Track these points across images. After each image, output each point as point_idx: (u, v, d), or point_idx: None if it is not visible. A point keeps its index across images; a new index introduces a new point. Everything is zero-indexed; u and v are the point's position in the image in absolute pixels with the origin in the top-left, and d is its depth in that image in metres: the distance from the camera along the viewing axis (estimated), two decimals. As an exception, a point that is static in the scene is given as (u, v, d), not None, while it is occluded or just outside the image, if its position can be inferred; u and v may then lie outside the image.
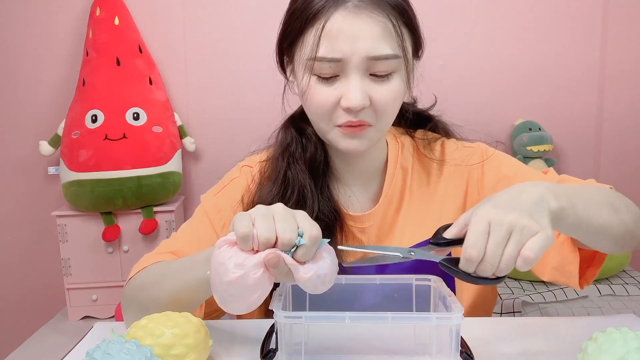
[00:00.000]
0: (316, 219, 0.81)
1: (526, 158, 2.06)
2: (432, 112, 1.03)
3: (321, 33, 0.81)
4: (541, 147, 2.04)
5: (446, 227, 0.71)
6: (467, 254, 0.64)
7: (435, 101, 1.02)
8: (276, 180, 0.94)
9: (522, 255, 0.63)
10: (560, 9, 2.09)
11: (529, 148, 2.04)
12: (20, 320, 2.19)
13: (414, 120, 1.02)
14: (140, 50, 1.97)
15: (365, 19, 0.81)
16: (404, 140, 1.00)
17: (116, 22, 1.94)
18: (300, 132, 0.96)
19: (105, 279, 1.93)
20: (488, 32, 2.10)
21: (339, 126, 0.85)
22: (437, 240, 0.70)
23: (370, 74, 0.83)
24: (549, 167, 2.08)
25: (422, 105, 1.03)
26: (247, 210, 0.68)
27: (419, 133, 1.02)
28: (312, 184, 0.92)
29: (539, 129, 2.07)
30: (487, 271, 0.64)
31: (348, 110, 0.83)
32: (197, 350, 0.73)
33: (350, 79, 0.82)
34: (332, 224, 0.92)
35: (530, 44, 2.11)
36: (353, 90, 0.82)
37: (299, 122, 0.97)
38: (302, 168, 0.93)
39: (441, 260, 0.68)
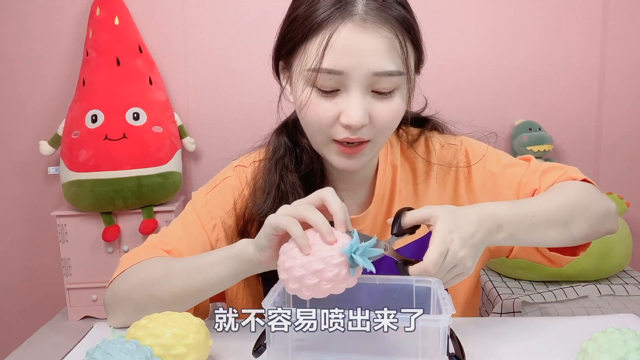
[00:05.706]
0: None
1: (526, 158, 2.06)
2: (427, 111, 1.02)
3: (326, 45, 0.78)
4: (541, 147, 2.04)
5: (403, 210, 0.80)
6: (429, 268, 0.73)
7: (426, 104, 1.01)
8: (269, 193, 0.92)
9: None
10: (560, 9, 2.09)
11: (529, 148, 2.04)
12: (20, 320, 2.20)
13: (411, 124, 1.01)
14: (140, 50, 1.97)
15: (372, 34, 0.78)
16: (392, 138, 1.00)
17: (116, 22, 1.94)
18: (294, 141, 0.94)
19: (105, 279, 1.91)
20: (488, 33, 2.11)
21: (336, 141, 0.84)
22: (399, 232, 0.79)
23: (372, 91, 0.81)
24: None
25: (415, 106, 1.02)
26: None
27: (403, 127, 1.01)
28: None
29: (539, 129, 2.07)
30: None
31: (347, 127, 0.81)
32: (197, 350, 0.73)
33: (352, 95, 0.80)
34: None
35: (531, 44, 2.11)
36: (354, 107, 0.79)
37: (292, 130, 0.95)
38: (296, 180, 0.91)
39: (398, 262, 0.78)
